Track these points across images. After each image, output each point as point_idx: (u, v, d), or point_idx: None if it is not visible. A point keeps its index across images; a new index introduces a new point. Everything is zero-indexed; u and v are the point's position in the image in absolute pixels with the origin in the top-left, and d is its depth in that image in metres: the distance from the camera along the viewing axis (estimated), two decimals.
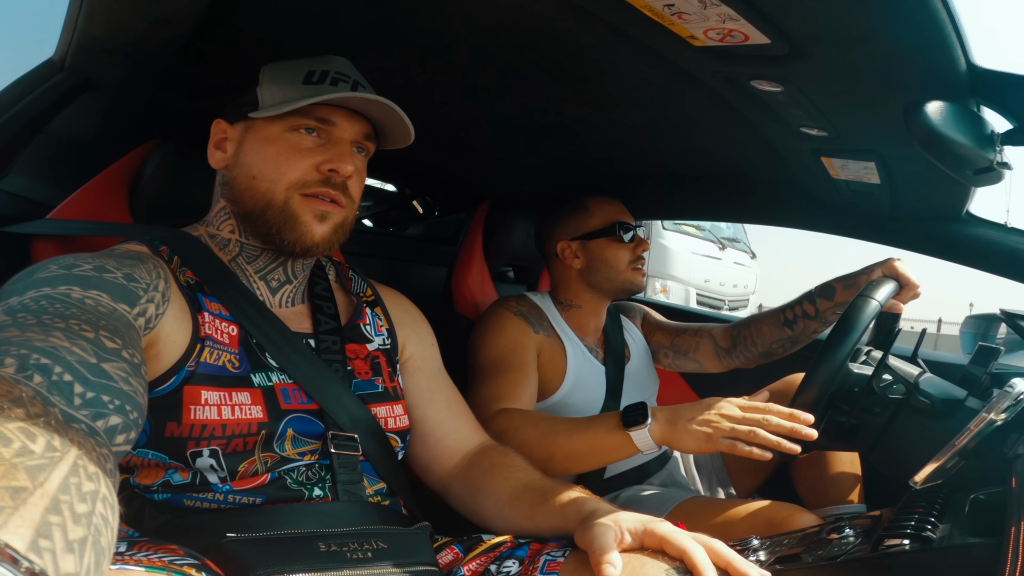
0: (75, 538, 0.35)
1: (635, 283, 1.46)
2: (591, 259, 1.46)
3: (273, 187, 0.83)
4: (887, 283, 1.08)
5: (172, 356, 0.74)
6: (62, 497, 0.36)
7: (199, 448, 0.73)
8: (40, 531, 0.34)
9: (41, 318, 0.56)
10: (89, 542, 0.36)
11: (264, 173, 0.83)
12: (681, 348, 1.55)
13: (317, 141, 0.86)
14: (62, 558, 0.34)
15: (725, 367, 1.50)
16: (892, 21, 0.73)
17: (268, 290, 0.90)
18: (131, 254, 0.77)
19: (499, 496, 0.90)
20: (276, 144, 0.84)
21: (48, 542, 0.34)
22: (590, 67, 1.07)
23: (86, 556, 0.35)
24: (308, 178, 0.84)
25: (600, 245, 1.45)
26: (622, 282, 1.45)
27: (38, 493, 0.35)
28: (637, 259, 1.45)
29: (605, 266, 1.44)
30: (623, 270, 1.44)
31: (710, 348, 1.49)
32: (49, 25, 0.93)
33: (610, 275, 1.44)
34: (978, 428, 0.85)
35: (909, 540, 0.81)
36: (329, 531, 0.75)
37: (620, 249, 1.44)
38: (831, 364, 0.98)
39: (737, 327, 1.46)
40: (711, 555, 0.68)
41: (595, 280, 1.46)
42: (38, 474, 0.36)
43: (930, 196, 1.20)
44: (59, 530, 0.35)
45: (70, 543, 0.35)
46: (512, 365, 1.29)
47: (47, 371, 0.49)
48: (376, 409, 0.89)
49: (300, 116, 0.84)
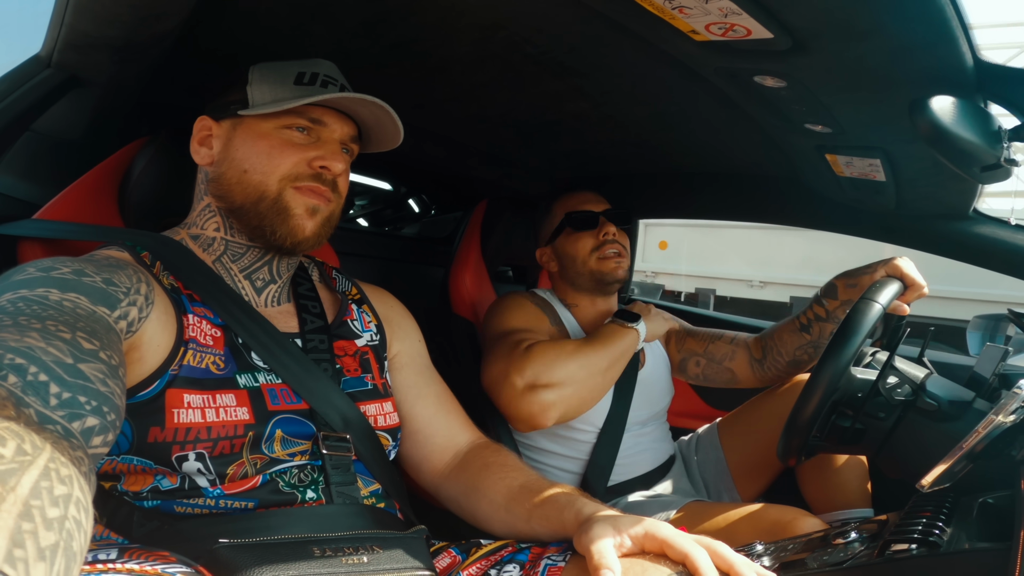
0: (47, 544, 0.35)
1: (606, 272, 1.38)
2: (560, 258, 1.45)
3: (266, 179, 0.84)
4: (891, 284, 1.07)
5: (155, 360, 0.73)
6: (33, 502, 0.36)
7: (184, 452, 0.72)
8: (15, 540, 0.34)
9: (17, 319, 0.56)
10: (61, 547, 0.36)
11: (256, 166, 0.84)
12: (716, 356, 1.47)
13: (307, 139, 0.87)
14: (34, 567, 0.34)
15: (759, 380, 1.42)
16: (897, 15, 0.72)
17: (253, 290, 0.90)
18: (111, 260, 0.76)
19: (495, 497, 0.89)
20: (268, 139, 0.85)
21: (21, 551, 0.33)
22: (589, 63, 1.06)
23: (57, 562, 0.35)
24: (300, 171, 0.85)
25: (562, 241, 1.44)
26: (591, 273, 1.40)
27: (10, 499, 0.35)
28: (603, 245, 1.39)
29: (570, 260, 1.42)
30: (587, 260, 1.39)
31: (745, 357, 1.42)
32: (35, 20, 0.92)
33: (577, 268, 1.41)
34: (986, 430, 0.84)
35: (916, 545, 0.79)
36: (323, 535, 0.74)
37: (580, 239, 1.41)
38: (834, 368, 0.97)
39: (763, 337, 1.41)
40: (714, 558, 0.67)
41: (571, 277, 1.44)
42: (8, 479, 0.36)
43: (936, 194, 1.19)
44: (31, 537, 0.34)
45: (42, 550, 0.35)
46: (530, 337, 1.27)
47: (22, 371, 0.49)
48: (366, 407, 0.89)
49: (293, 115, 0.86)
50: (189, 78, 1.15)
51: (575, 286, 1.45)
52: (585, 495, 0.83)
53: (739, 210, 1.74)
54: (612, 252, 1.39)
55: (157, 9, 0.83)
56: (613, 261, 1.39)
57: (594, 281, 1.41)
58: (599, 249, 1.39)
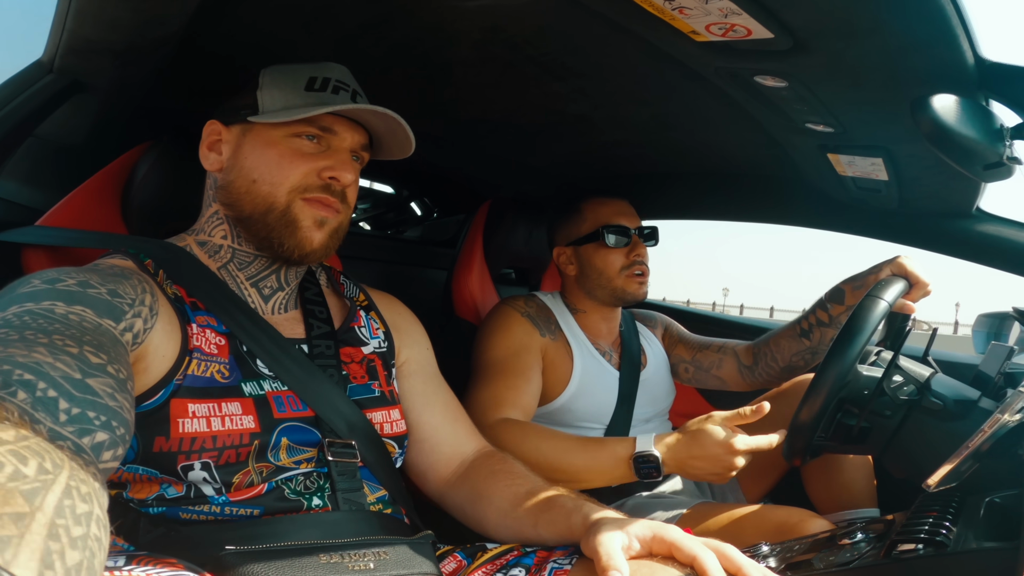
0: (73, 564, 0.36)
1: (629, 292, 1.38)
2: (583, 265, 1.43)
3: (275, 191, 0.83)
4: (896, 282, 1.06)
5: (160, 370, 0.73)
6: (58, 521, 0.36)
7: (190, 461, 0.72)
8: (44, 561, 0.34)
9: (24, 334, 0.55)
10: (84, 566, 0.36)
11: (265, 176, 0.84)
12: (703, 364, 1.48)
13: (317, 148, 0.86)
14: None
15: (749, 385, 1.44)
16: (897, 14, 0.72)
17: (260, 297, 0.89)
18: (115, 270, 0.76)
19: (501, 504, 0.89)
20: (277, 147, 0.84)
21: (51, 573, 0.34)
22: (590, 64, 1.06)
23: None
24: (309, 182, 0.84)
25: (589, 251, 1.41)
26: (614, 290, 1.39)
27: (38, 518, 0.35)
28: (632, 265, 1.38)
29: (596, 273, 1.40)
30: (614, 277, 1.38)
31: (733, 365, 1.43)
32: (37, 25, 0.92)
33: (601, 282, 1.40)
34: (992, 429, 0.83)
35: (923, 545, 0.79)
36: (330, 542, 0.74)
37: (610, 254, 1.38)
38: (839, 367, 0.96)
39: (757, 344, 1.42)
40: (722, 560, 0.67)
41: (589, 287, 1.42)
42: (34, 498, 0.36)
43: (939, 192, 1.19)
44: (59, 558, 0.35)
45: (68, 570, 0.35)
46: (515, 368, 1.27)
47: (31, 387, 0.49)
48: (372, 414, 0.88)
49: (304, 124, 0.85)
50: (191, 82, 1.15)
51: (590, 295, 1.43)
52: (591, 500, 0.83)
53: (742, 210, 1.74)
54: (639, 273, 1.38)
55: (158, 13, 0.83)
56: (638, 281, 1.38)
57: (615, 297, 1.40)
58: (628, 268, 1.38)
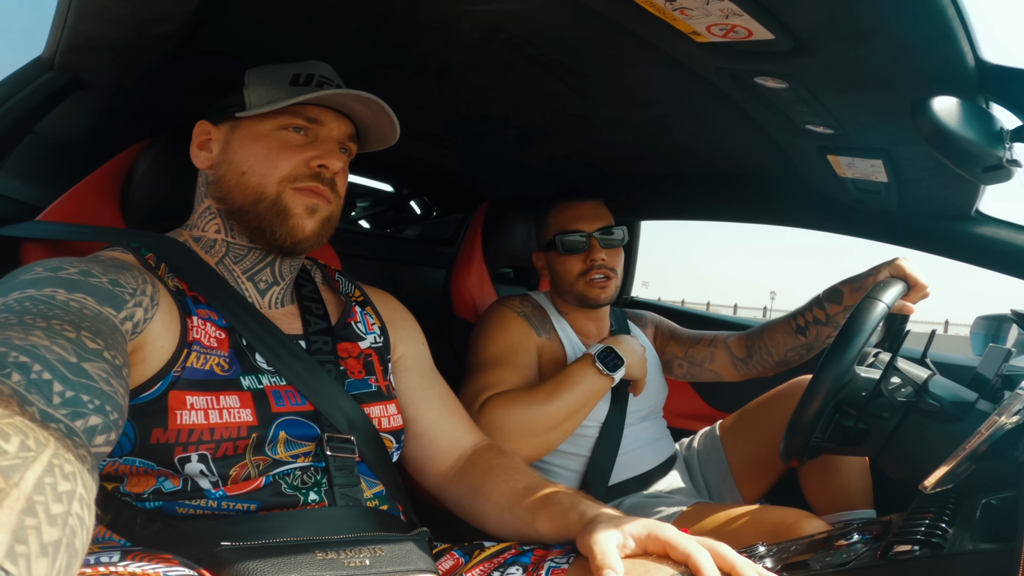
0: (49, 540, 0.35)
1: (590, 297, 1.37)
2: (551, 271, 1.44)
3: (264, 181, 0.84)
4: (894, 284, 1.07)
5: (158, 361, 0.73)
6: (37, 498, 0.36)
7: (187, 453, 0.72)
8: (16, 536, 0.34)
9: (23, 318, 0.55)
10: (63, 544, 0.36)
11: (254, 168, 0.85)
12: (696, 359, 1.50)
13: (305, 139, 0.87)
14: (36, 563, 0.34)
15: (743, 376, 1.46)
16: (898, 16, 0.72)
17: (256, 291, 0.90)
18: (116, 262, 0.76)
19: (499, 499, 0.89)
20: (265, 140, 0.86)
21: (23, 547, 0.34)
22: (591, 64, 1.05)
23: (59, 559, 0.36)
24: (299, 172, 0.85)
25: (553, 257, 1.43)
26: (576, 295, 1.39)
27: (13, 495, 0.35)
28: (590, 270, 1.36)
29: (559, 279, 1.42)
30: (573, 283, 1.38)
31: (726, 358, 1.45)
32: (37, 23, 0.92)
33: (565, 287, 1.41)
34: (989, 431, 0.83)
35: (919, 546, 0.79)
36: (326, 538, 0.74)
37: (567, 261, 1.38)
38: (837, 368, 0.96)
39: (751, 336, 1.42)
40: (716, 559, 0.67)
41: (560, 292, 1.44)
42: (12, 474, 0.36)
43: (939, 194, 1.19)
44: (34, 533, 0.35)
45: (44, 546, 0.35)
46: (511, 364, 1.28)
47: (26, 369, 0.49)
48: (370, 409, 0.89)
49: (289, 115, 0.86)
50: (191, 80, 1.15)
51: (564, 299, 1.45)
52: (588, 497, 0.83)
53: (741, 211, 1.74)
54: (599, 277, 1.37)
55: (159, 11, 0.83)
56: (598, 286, 1.37)
57: (579, 301, 1.41)
58: (586, 274, 1.37)
